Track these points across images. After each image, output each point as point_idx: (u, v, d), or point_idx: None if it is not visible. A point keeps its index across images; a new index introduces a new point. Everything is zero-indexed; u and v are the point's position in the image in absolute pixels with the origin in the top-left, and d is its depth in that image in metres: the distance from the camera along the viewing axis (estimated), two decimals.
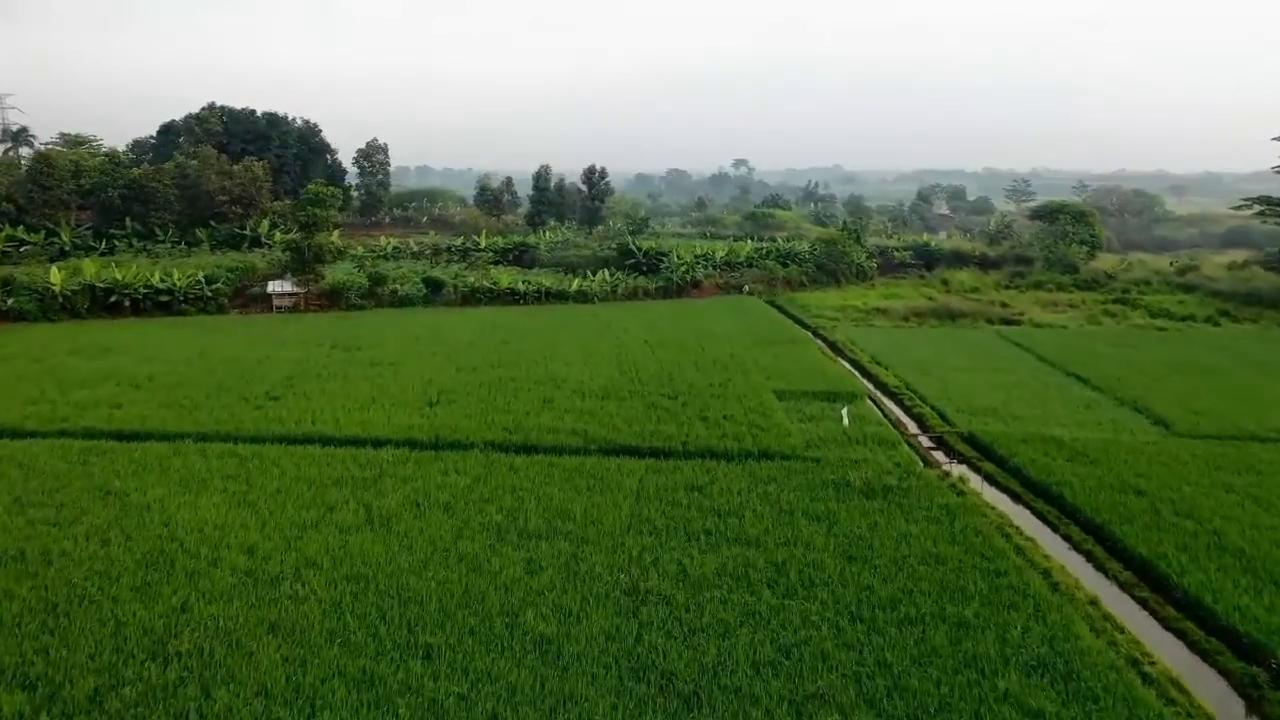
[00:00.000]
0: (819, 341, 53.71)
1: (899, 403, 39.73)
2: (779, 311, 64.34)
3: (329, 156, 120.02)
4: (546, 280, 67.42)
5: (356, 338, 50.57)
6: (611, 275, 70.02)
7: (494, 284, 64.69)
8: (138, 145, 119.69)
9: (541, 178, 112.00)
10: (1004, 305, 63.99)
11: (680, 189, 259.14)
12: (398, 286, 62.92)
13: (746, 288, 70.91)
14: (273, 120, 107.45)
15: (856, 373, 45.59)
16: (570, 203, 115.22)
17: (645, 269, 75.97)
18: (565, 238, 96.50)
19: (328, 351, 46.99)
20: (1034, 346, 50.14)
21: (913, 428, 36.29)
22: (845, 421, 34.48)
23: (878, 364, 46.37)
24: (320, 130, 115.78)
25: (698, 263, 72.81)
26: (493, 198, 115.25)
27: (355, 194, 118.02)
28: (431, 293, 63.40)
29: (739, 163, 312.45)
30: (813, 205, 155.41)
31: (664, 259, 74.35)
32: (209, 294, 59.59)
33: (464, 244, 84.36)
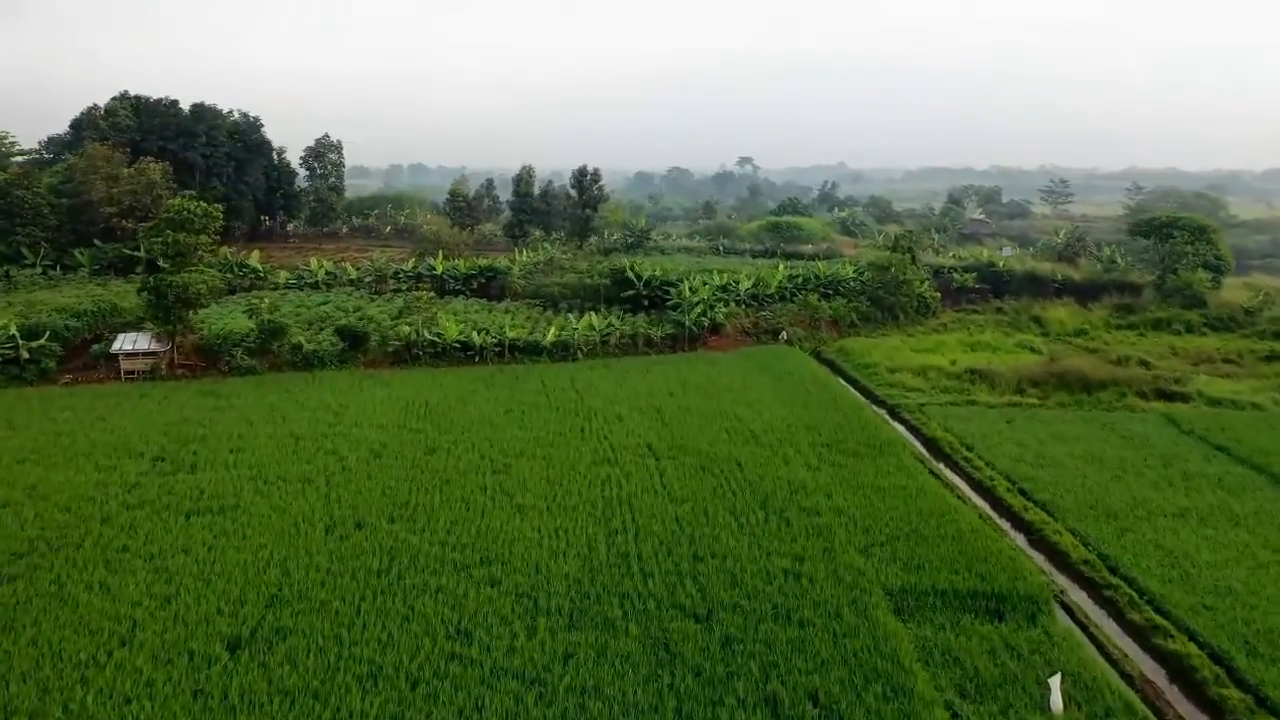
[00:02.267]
0: (909, 436, 36.08)
1: (1111, 609, 22.09)
2: (834, 373, 46.62)
3: (276, 155, 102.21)
4: (512, 327, 49.47)
5: (203, 438, 32.81)
6: (602, 318, 52.07)
7: (439, 335, 46.86)
8: (53, 143, 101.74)
9: (523, 181, 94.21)
10: (1144, 364, 46.30)
11: (682, 189, 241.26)
12: (302, 340, 45.10)
13: (784, 335, 53.01)
14: (199, 113, 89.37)
15: (995, 514, 27.99)
16: (558, 209, 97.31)
17: (647, 304, 58.28)
18: (549, 255, 78.71)
19: (140, 472, 29.27)
20: (1252, 455, 32.34)
21: (1180, 699, 18.59)
22: (1057, 707, 16.92)
23: (1027, 498, 28.69)
24: (261, 125, 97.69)
25: (717, 299, 54.90)
26: (465, 205, 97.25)
27: (305, 200, 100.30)
28: (350, 347, 45.62)
29: (744, 161, 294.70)
30: (835, 211, 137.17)
31: (672, 290, 56.61)
32: (27, 355, 41.83)
33: (415, 268, 66.26)
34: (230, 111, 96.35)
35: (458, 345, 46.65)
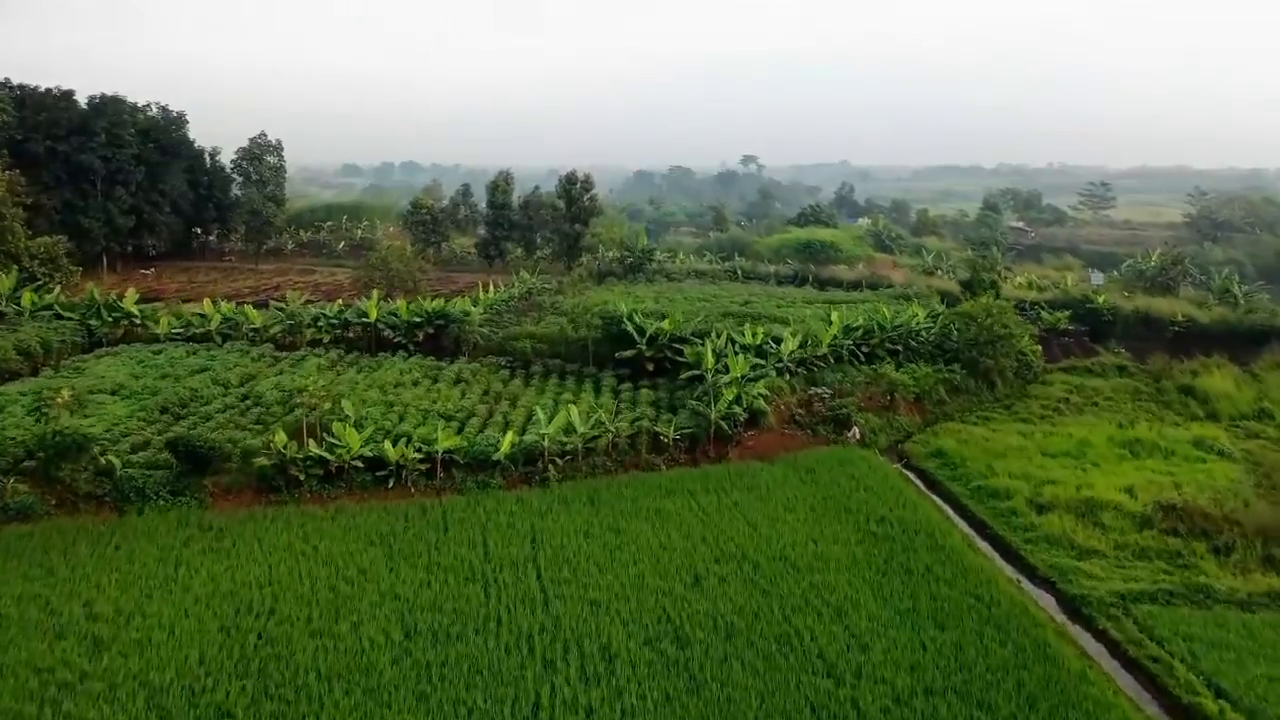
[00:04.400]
0: (1138, 691, 19.85)
1: None
2: (943, 500, 30.41)
3: (209, 158, 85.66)
4: (449, 434, 32.26)
5: None
6: (586, 415, 34.71)
7: (333, 450, 30.37)
8: None
9: (499, 189, 77.82)
10: None
11: (684, 189, 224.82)
12: (114, 461, 28.65)
13: (855, 431, 36.27)
14: (99, 107, 72.69)
15: None
16: (541, 222, 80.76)
17: (652, 369, 42.13)
18: (526, 287, 62.42)
19: None
20: None
21: None
22: None
23: None
24: (185, 122, 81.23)
25: (755, 374, 38.21)
26: (429, 219, 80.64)
27: (240, 212, 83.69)
28: (194, 470, 29.26)
29: (748, 159, 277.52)
30: (862, 221, 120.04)
31: (686, 349, 40.40)
32: None
33: (341, 313, 49.50)
34: (148, 105, 79.92)
35: (363, 464, 30.25)
